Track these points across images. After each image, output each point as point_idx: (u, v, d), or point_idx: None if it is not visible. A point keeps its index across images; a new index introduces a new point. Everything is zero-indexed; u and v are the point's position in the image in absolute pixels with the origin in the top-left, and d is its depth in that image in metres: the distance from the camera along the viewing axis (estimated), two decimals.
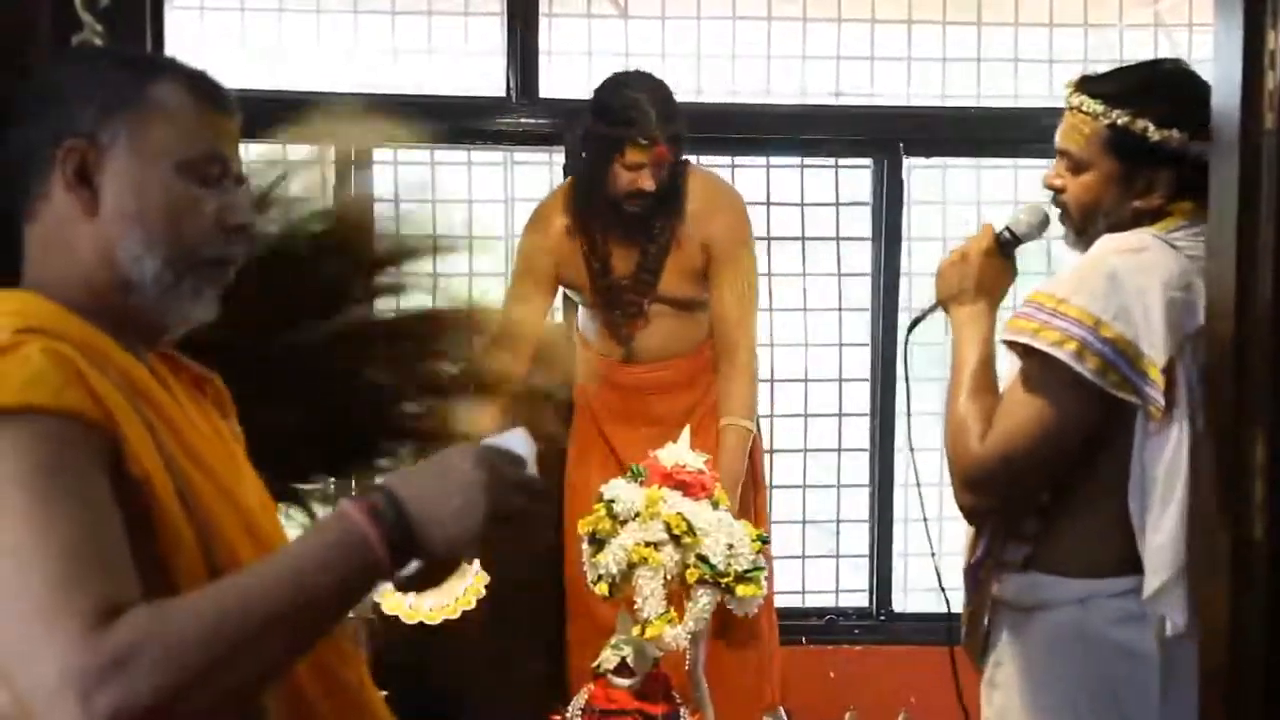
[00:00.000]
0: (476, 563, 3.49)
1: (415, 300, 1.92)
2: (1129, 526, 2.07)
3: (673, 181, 3.67)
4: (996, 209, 4.41)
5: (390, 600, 3.36)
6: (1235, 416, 1.87)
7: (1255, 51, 1.81)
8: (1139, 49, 4.43)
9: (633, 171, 3.61)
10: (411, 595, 3.17)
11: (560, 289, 3.88)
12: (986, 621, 2.22)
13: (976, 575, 2.22)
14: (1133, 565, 2.07)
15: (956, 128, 4.42)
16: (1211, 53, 1.92)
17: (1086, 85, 2.22)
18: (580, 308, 3.93)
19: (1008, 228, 2.28)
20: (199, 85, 1.47)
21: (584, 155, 3.76)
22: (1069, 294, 2.07)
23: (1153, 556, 2.04)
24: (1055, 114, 2.29)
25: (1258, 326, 1.84)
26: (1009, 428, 2.08)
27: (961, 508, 2.17)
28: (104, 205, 1.42)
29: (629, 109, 3.60)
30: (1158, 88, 2.18)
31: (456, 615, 3.44)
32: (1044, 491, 2.14)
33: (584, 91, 4.17)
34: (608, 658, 3.29)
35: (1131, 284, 2.05)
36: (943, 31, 4.51)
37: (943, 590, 2.32)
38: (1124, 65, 2.33)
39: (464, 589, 3.48)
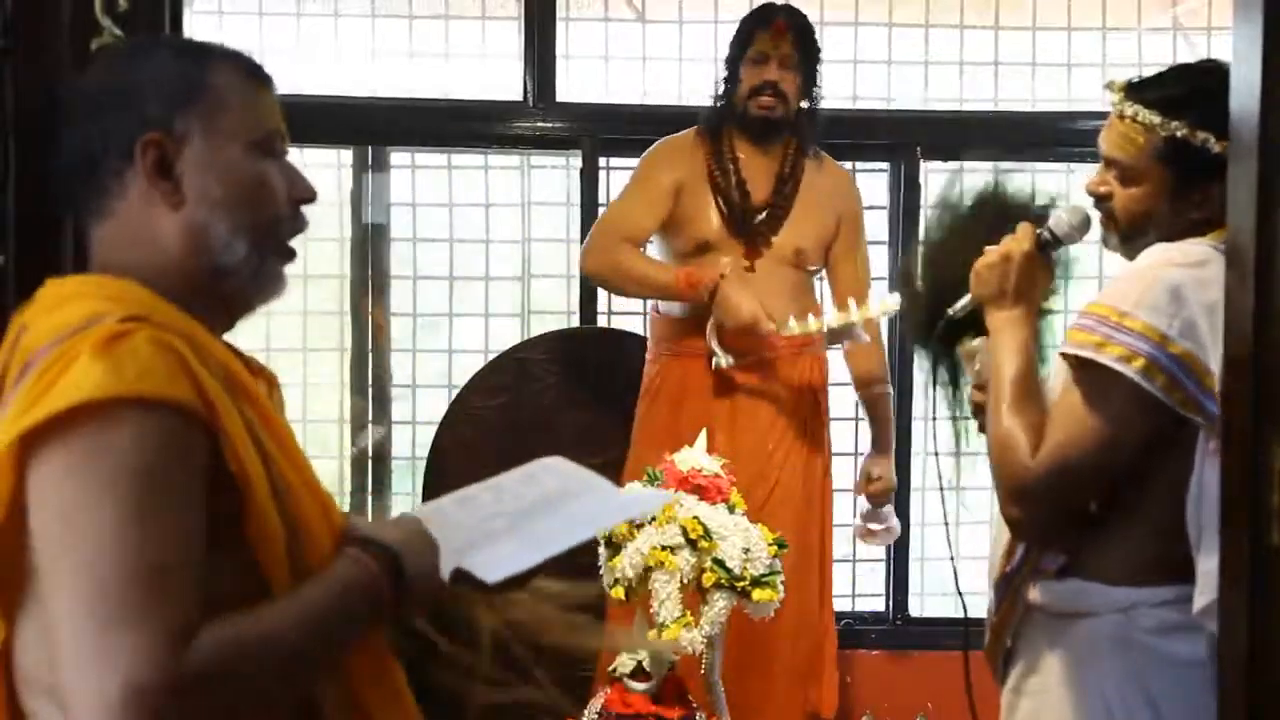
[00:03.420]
0: None
1: None
2: (1175, 535, 2.01)
3: (810, 113, 3.75)
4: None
5: None
6: (1252, 421, 1.86)
7: (1275, 55, 1.80)
8: (1157, 53, 4.42)
9: (759, 65, 3.68)
10: None
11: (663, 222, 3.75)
12: (1012, 629, 2.20)
13: (1011, 583, 2.17)
14: (1177, 574, 2.03)
15: (974, 131, 4.41)
16: (1230, 56, 1.91)
17: (1138, 92, 2.12)
18: (671, 264, 3.78)
19: (1049, 229, 2.19)
20: (248, 66, 1.49)
21: (719, 80, 3.79)
22: (1131, 307, 2.00)
23: (1207, 575, 1.96)
24: (1073, 117, 2.25)
25: (1276, 331, 1.83)
26: (1063, 441, 2.03)
27: (1009, 521, 2.10)
28: (188, 194, 1.43)
29: (758, 8, 3.77)
30: (1214, 95, 2.01)
31: None
32: (1092, 502, 2.10)
33: (601, 95, 4.18)
34: (623, 662, 3.29)
35: (1196, 299, 1.99)
36: (960, 35, 4.51)
37: (960, 594, 2.30)
38: (1171, 69, 2.20)
39: None
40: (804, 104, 3.77)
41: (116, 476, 1.28)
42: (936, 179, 4.45)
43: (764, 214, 3.72)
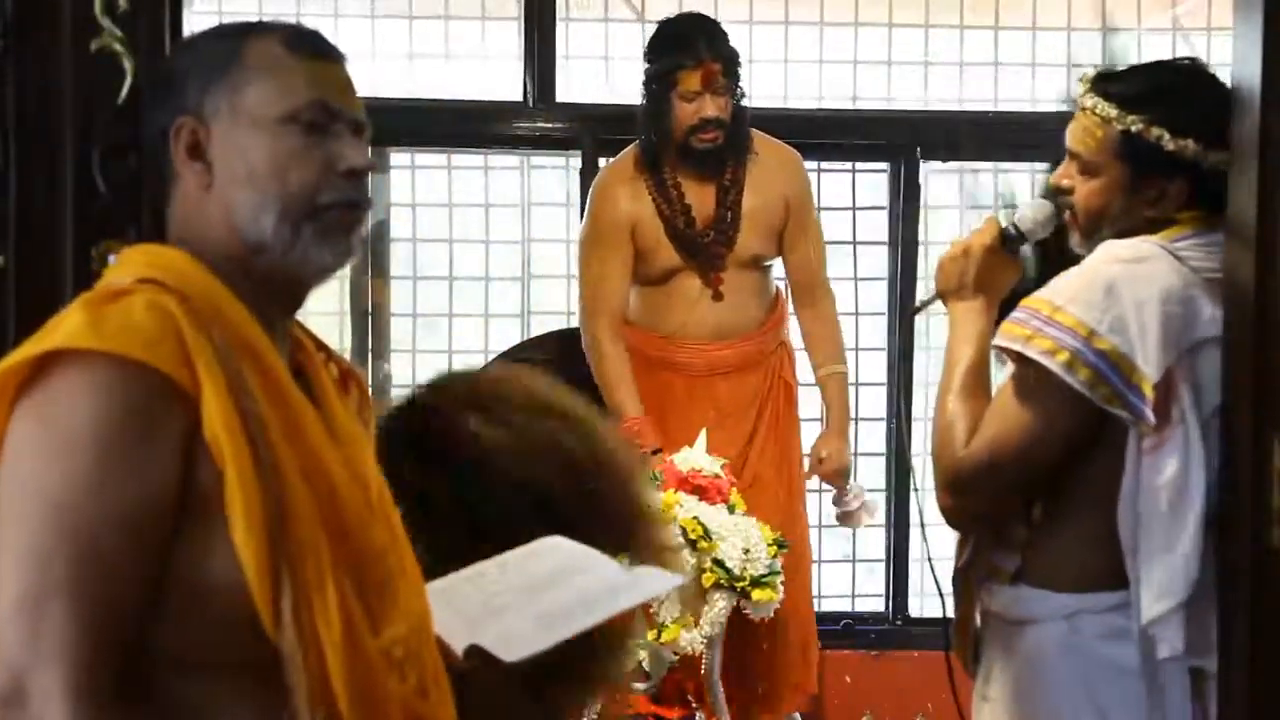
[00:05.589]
0: None
1: None
2: (1117, 541, 2.02)
3: (737, 116, 3.67)
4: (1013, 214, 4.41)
5: None
6: (1253, 422, 1.86)
7: (1275, 54, 1.80)
8: (1157, 53, 4.42)
9: (692, 101, 3.60)
10: None
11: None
12: (978, 628, 2.19)
13: (965, 579, 2.18)
14: (1121, 580, 2.03)
15: (973, 132, 4.41)
16: (1230, 56, 1.91)
17: (1101, 85, 2.13)
18: (637, 288, 3.84)
19: (1013, 223, 2.21)
20: (294, 38, 1.47)
21: (644, 107, 3.71)
22: (1065, 302, 2.01)
23: (1159, 580, 1.98)
24: (1072, 119, 2.24)
25: (1276, 330, 1.83)
26: (994, 434, 2.04)
27: (942, 511, 2.13)
28: (217, 174, 1.44)
29: (674, 38, 3.66)
30: (1175, 93, 2.10)
31: None
32: (1031, 500, 2.10)
33: (601, 96, 4.18)
34: None
35: (1129, 295, 2.00)
36: (960, 35, 4.50)
37: (940, 595, 2.30)
38: (1140, 64, 2.24)
39: None
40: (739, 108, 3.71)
41: (68, 436, 1.29)
42: (936, 179, 4.46)
43: (712, 234, 3.71)
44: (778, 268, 3.91)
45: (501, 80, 4.34)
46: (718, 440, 3.56)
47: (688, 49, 3.61)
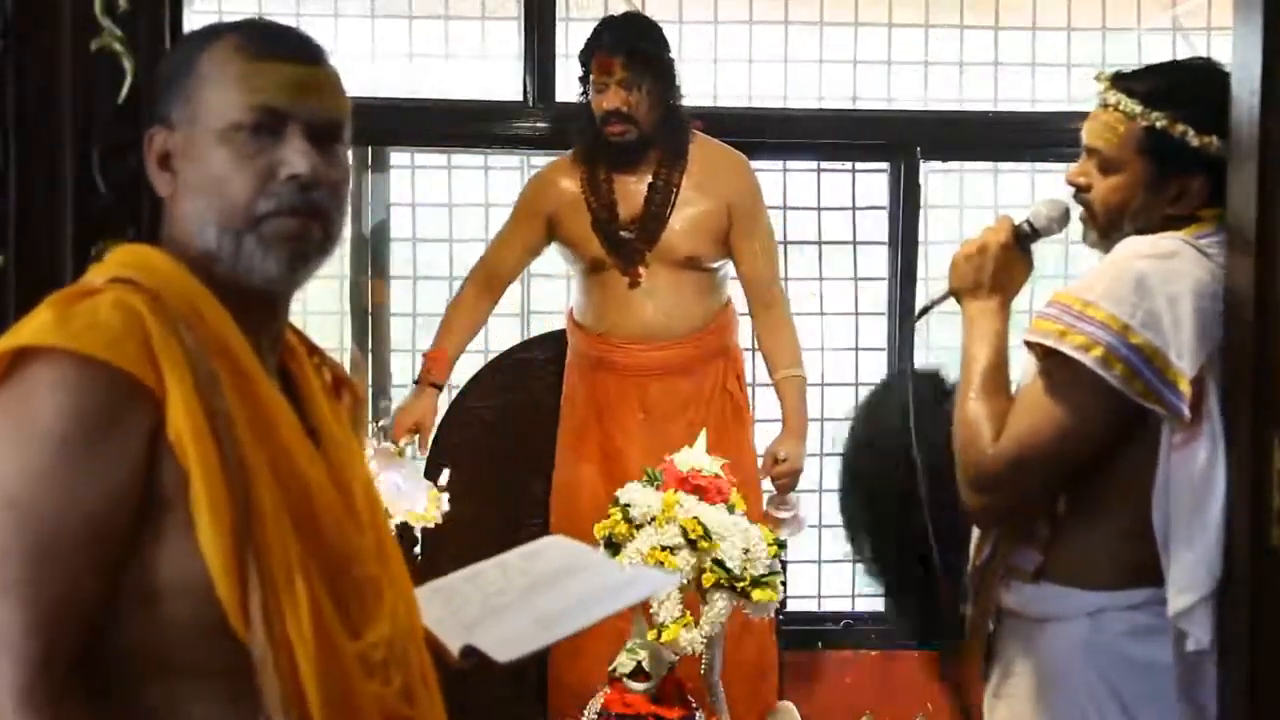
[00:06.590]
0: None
1: None
2: (1143, 537, 2.02)
3: (667, 116, 3.69)
4: (1013, 213, 4.40)
5: None
6: (1253, 421, 1.86)
7: (1275, 53, 1.80)
8: (1157, 53, 4.42)
9: (600, 94, 3.67)
10: None
11: (551, 244, 3.88)
12: (991, 628, 2.19)
13: (983, 577, 2.18)
14: (1146, 577, 2.03)
15: (973, 132, 4.41)
16: (1230, 56, 1.91)
17: (1123, 82, 2.14)
18: (575, 282, 3.90)
19: (1027, 221, 2.22)
20: (250, 40, 1.44)
21: (583, 110, 3.78)
22: (1096, 297, 2.02)
23: (1183, 573, 1.98)
24: (1072, 118, 2.25)
25: (1276, 330, 1.83)
26: (1024, 430, 2.04)
27: (969, 509, 2.13)
28: (179, 185, 1.44)
29: (592, 33, 3.73)
30: (1198, 90, 2.10)
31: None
32: (1056, 497, 2.10)
33: None
34: (623, 662, 3.29)
35: (1161, 291, 2.00)
36: (960, 35, 4.51)
37: (947, 593, 2.30)
38: (1160, 64, 2.23)
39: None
40: (665, 107, 3.71)
41: (30, 432, 1.30)
42: (937, 179, 4.46)
43: (636, 230, 3.72)
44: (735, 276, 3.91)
45: (501, 80, 4.34)
46: (649, 443, 3.59)
47: (595, 42, 3.69)
